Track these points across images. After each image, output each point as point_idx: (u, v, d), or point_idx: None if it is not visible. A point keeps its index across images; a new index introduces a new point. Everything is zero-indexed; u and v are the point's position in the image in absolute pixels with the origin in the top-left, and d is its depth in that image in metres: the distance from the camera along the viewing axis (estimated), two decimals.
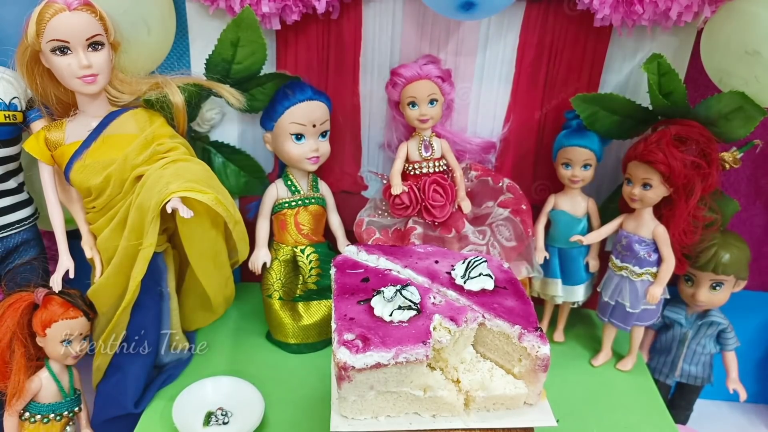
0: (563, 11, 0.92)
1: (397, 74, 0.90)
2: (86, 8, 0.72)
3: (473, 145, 1.00)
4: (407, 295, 0.58)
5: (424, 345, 0.55)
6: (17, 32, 0.73)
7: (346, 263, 0.70)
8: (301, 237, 0.95)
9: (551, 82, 0.97)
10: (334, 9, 0.92)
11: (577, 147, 0.93)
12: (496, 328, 0.59)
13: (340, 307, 0.61)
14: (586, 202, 0.98)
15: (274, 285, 0.96)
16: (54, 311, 0.76)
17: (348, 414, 0.60)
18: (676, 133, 0.85)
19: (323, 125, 0.92)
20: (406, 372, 0.56)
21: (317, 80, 0.97)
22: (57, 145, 0.78)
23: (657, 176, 0.86)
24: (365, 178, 1.06)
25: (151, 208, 0.73)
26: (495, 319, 0.60)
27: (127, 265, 0.78)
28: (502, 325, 0.59)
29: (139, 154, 0.77)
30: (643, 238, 0.91)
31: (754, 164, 1.04)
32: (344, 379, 0.56)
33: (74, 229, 0.84)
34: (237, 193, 1.03)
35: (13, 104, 0.78)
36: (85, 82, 0.74)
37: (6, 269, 0.83)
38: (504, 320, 0.60)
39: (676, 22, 0.87)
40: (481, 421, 0.60)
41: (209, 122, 0.98)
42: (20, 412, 0.78)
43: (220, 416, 0.80)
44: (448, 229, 0.93)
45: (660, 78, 0.86)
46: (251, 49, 0.88)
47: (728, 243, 0.95)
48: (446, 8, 0.79)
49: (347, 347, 0.55)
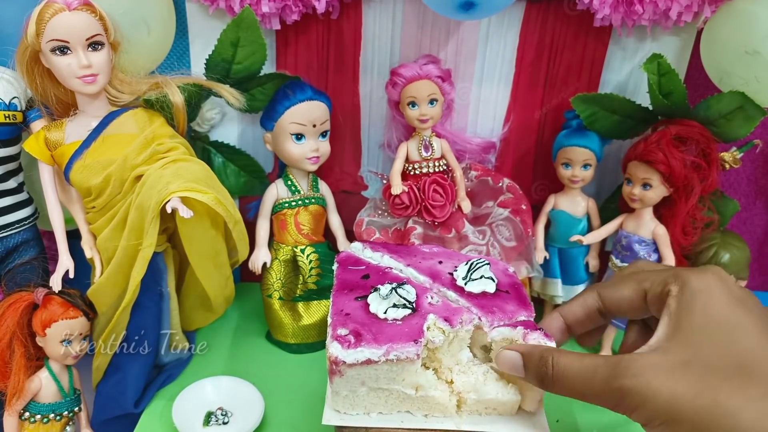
0: (563, 11, 0.92)
1: (397, 74, 0.90)
2: (86, 8, 0.72)
3: (473, 145, 1.00)
4: (402, 294, 0.58)
5: (416, 344, 0.55)
6: (17, 32, 0.73)
7: (349, 259, 0.70)
8: (301, 237, 0.95)
9: (551, 82, 0.97)
10: (334, 9, 0.92)
11: (577, 147, 0.93)
12: (498, 335, 0.59)
13: (338, 302, 0.61)
14: (586, 202, 0.98)
15: (274, 285, 0.96)
16: (54, 311, 0.76)
17: (340, 408, 0.60)
18: (676, 133, 0.85)
19: (323, 125, 0.92)
20: (397, 370, 0.56)
21: (317, 80, 0.97)
22: (57, 145, 0.78)
23: (657, 176, 0.86)
24: (365, 178, 1.06)
25: (151, 208, 0.73)
26: (493, 323, 0.60)
27: (126, 265, 0.78)
28: (503, 330, 0.59)
29: (139, 153, 0.77)
30: (643, 238, 0.91)
31: (754, 164, 1.04)
32: (335, 374, 0.56)
33: (74, 229, 0.84)
34: (237, 193, 1.03)
35: (13, 104, 0.78)
36: (85, 82, 0.74)
37: (6, 269, 0.83)
38: (503, 324, 0.59)
39: (676, 22, 0.87)
40: (474, 425, 0.60)
41: (209, 122, 0.98)
42: (20, 412, 0.78)
43: (220, 416, 0.80)
44: (448, 229, 0.93)
45: (660, 78, 0.86)
46: (251, 49, 0.88)
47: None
48: (446, 8, 0.79)
49: (340, 342, 0.55)
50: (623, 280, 0.57)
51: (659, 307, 0.52)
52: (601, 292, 0.58)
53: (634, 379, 0.46)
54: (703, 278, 0.50)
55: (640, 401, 0.46)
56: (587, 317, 0.60)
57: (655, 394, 0.45)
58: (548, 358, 0.52)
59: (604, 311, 0.58)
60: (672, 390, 0.45)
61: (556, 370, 0.52)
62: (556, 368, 0.52)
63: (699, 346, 0.47)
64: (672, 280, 0.51)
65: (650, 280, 0.54)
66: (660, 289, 0.52)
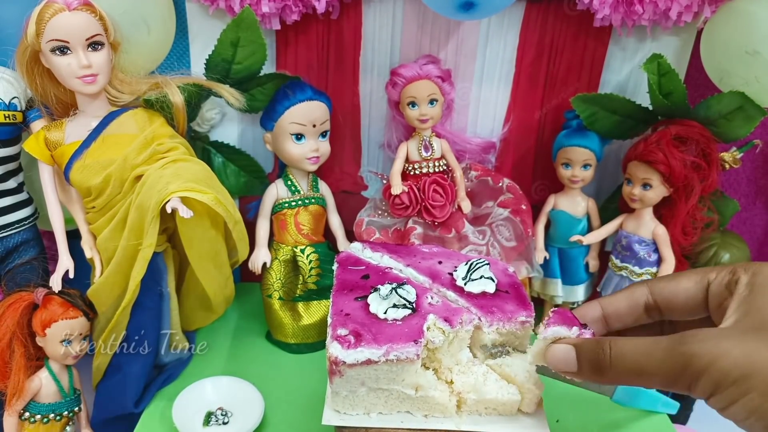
0: (563, 11, 0.92)
1: (397, 74, 0.90)
2: (86, 8, 0.72)
3: (473, 145, 1.00)
4: (403, 294, 0.58)
5: (416, 344, 0.55)
6: (17, 32, 0.73)
7: (349, 260, 0.70)
8: (301, 237, 0.95)
9: (551, 82, 0.97)
10: (334, 9, 0.92)
11: (577, 147, 0.93)
12: (552, 334, 0.57)
13: (338, 302, 0.61)
14: (586, 202, 0.98)
15: (274, 285, 0.96)
16: (54, 311, 0.76)
17: (340, 408, 0.60)
18: (676, 133, 0.85)
19: (323, 125, 0.92)
20: (397, 370, 0.56)
21: (317, 80, 0.97)
22: (57, 145, 0.78)
23: (657, 176, 0.86)
24: (365, 178, 1.06)
25: (151, 208, 0.73)
26: (492, 322, 0.60)
27: (126, 265, 0.78)
28: (558, 330, 0.58)
29: (139, 153, 0.77)
30: (643, 238, 0.91)
31: (754, 164, 1.04)
32: (335, 374, 0.56)
33: (74, 229, 0.84)
34: (237, 193, 1.03)
35: (12, 104, 0.78)
36: (85, 82, 0.74)
37: (6, 269, 0.83)
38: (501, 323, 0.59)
39: (676, 22, 0.87)
40: (473, 425, 0.60)
41: (209, 122, 0.98)
42: (20, 412, 0.78)
43: (220, 416, 0.80)
44: (448, 229, 0.93)
45: (660, 78, 0.86)
46: (251, 49, 0.88)
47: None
48: (446, 8, 0.79)
49: (339, 342, 0.55)
50: (682, 273, 0.54)
51: (721, 300, 0.50)
52: (653, 286, 0.55)
53: (702, 342, 0.43)
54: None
55: (709, 361, 0.42)
56: (630, 311, 0.56)
57: (727, 352, 0.42)
58: (605, 342, 0.49)
59: (652, 306, 0.55)
60: (744, 347, 0.42)
61: (614, 350, 0.48)
62: (614, 348, 0.48)
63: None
64: (742, 268, 0.49)
65: (716, 270, 0.52)
66: (729, 277, 0.50)
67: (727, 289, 0.50)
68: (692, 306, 0.53)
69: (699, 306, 0.53)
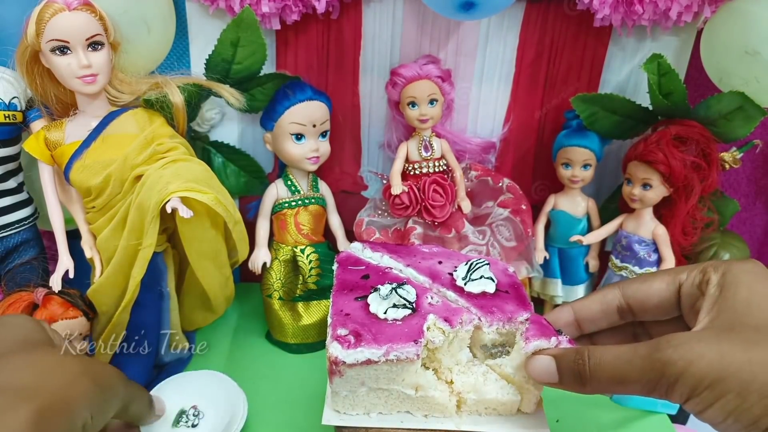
0: (563, 11, 0.92)
1: (397, 74, 0.90)
2: (86, 8, 0.72)
3: (473, 145, 1.00)
4: (403, 294, 0.58)
5: (416, 344, 0.55)
6: (17, 32, 0.73)
7: (349, 260, 0.70)
8: (301, 237, 0.95)
9: (551, 82, 0.97)
10: (334, 9, 0.92)
11: (577, 147, 0.93)
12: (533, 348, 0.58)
13: (338, 302, 0.61)
14: (586, 202, 0.98)
15: (274, 285, 0.96)
16: (54, 311, 0.76)
17: (340, 408, 0.60)
18: (676, 133, 0.85)
19: (323, 125, 0.92)
20: (397, 370, 0.56)
21: (317, 80, 0.97)
22: (57, 145, 0.78)
23: (657, 176, 0.86)
24: (365, 178, 1.06)
25: (151, 208, 0.73)
26: (492, 323, 0.60)
27: (126, 265, 0.78)
28: (538, 343, 0.58)
29: (139, 153, 0.77)
30: (643, 238, 0.91)
31: (754, 164, 1.04)
32: (335, 374, 0.56)
33: (74, 229, 0.84)
34: (237, 193, 1.03)
35: (12, 104, 0.78)
36: (85, 82, 0.74)
37: (6, 269, 0.83)
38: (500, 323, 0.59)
39: (676, 22, 0.87)
40: (473, 425, 0.60)
41: (209, 122, 0.98)
42: None
43: (192, 416, 0.76)
44: (448, 229, 0.93)
45: (660, 78, 0.86)
46: (251, 49, 0.88)
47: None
48: (446, 8, 0.79)
49: (339, 342, 0.55)
50: (654, 275, 0.54)
51: (693, 301, 0.50)
52: (625, 288, 0.55)
53: (677, 348, 0.43)
54: (744, 264, 0.48)
55: (684, 366, 0.42)
56: (602, 315, 0.57)
57: (700, 356, 0.42)
58: (583, 352, 0.50)
59: (624, 309, 0.56)
60: (718, 349, 0.42)
61: (593, 360, 0.49)
62: (592, 358, 0.49)
63: (745, 314, 0.44)
64: (711, 268, 0.49)
65: (686, 270, 0.52)
66: (700, 277, 0.50)
67: (699, 289, 0.50)
68: (665, 307, 0.53)
69: (672, 307, 0.53)
